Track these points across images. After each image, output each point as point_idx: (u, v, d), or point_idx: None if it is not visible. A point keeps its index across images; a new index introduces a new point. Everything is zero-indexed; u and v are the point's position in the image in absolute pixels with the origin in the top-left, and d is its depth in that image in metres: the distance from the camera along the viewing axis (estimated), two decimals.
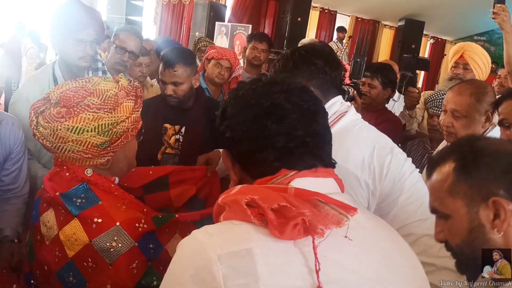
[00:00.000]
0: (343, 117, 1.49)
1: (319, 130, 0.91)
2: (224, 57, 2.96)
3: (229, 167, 0.95)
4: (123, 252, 1.18)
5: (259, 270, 0.74)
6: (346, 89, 2.10)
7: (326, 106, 1.48)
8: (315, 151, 0.90)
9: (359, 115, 1.56)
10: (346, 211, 0.80)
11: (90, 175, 1.25)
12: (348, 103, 1.57)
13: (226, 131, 0.92)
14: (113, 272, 1.17)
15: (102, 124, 1.19)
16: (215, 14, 8.46)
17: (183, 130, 2.23)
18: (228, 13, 9.06)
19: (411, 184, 1.49)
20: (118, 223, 1.20)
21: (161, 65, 2.17)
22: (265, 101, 0.89)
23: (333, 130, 1.41)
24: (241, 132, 0.90)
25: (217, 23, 8.18)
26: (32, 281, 1.35)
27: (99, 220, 1.20)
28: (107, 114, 1.20)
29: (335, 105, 1.50)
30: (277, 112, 0.88)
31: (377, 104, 2.89)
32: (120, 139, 1.25)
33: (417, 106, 3.11)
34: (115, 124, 1.22)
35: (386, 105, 3.19)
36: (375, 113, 2.86)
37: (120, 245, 1.18)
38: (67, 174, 1.25)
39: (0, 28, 8.50)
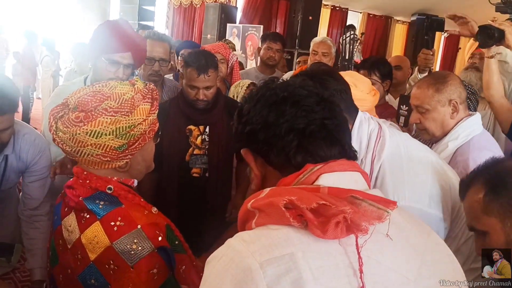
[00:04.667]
0: (384, 137, 1.38)
1: (336, 115, 0.90)
2: (213, 51, 2.95)
3: (252, 163, 0.92)
4: (144, 256, 1.18)
5: (304, 275, 0.70)
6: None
7: (355, 126, 1.39)
8: (336, 134, 0.88)
9: (380, 119, 1.47)
10: (385, 205, 0.78)
11: (111, 192, 1.26)
12: (367, 113, 1.47)
13: (245, 126, 0.91)
14: (134, 275, 1.18)
15: (119, 127, 1.20)
16: (226, 16, 8.50)
17: (207, 129, 2.26)
18: (239, 15, 9.09)
19: None
20: (139, 226, 1.20)
21: (189, 71, 2.17)
22: (281, 92, 0.89)
23: (384, 157, 1.32)
24: (260, 120, 0.88)
25: (228, 24, 8.22)
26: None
27: (121, 223, 1.20)
28: (124, 117, 1.21)
29: (363, 123, 1.41)
30: (293, 98, 0.88)
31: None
32: (138, 142, 1.25)
33: None
34: (133, 126, 1.22)
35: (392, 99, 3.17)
36: (377, 109, 2.86)
37: (140, 248, 1.18)
38: (89, 187, 1.26)
39: (13, 38, 8.65)
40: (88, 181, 1.25)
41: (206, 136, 2.26)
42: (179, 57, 3.58)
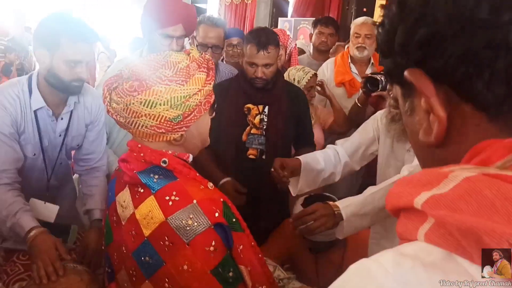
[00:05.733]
0: None
1: None
2: None
3: (432, 97, 0.49)
4: (200, 232, 1.11)
5: None
6: (378, 78, 2.02)
7: None
8: None
9: None
10: None
11: (165, 165, 1.19)
12: None
13: (416, 28, 0.49)
14: (190, 252, 1.11)
15: (175, 97, 1.14)
16: (278, 10, 8.42)
17: (266, 109, 2.19)
18: (290, 9, 8.97)
19: None
20: (195, 201, 1.14)
21: (249, 47, 2.11)
22: None
23: None
24: (457, 16, 0.46)
25: (280, 18, 8.13)
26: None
27: (176, 198, 1.14)
28: (180, 87, 1.15)
29: None
30: None
31: None
32: (193, 113, 1.19)
33: None
34: (188, 97, 1.16)
35: None
36: None
37: (195, 224, 1.11)
38: (143, 161, 1.20)
39: None
40: (142, 154, 1.20)
41: (264, 116, 2.18)
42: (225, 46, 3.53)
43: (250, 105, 2.19)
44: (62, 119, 1.85)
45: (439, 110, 0.49)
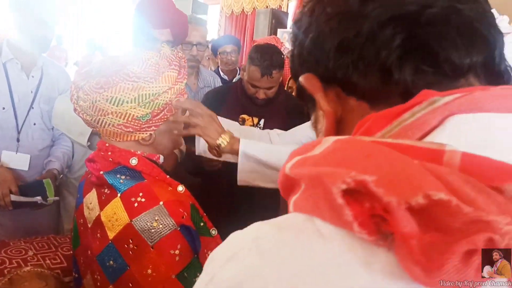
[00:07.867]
0: None
1: None
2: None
3: (318, 93, 0.51)
4: (165, 234, 1.07)
5: None
6: None
7: None
8: (482, 28, 0.45)
9: None
10: None
11: (135, 164, 1.15)
12: None
13: (307, 35, 0.52)
14: (154, 256, 1.06)
15: (142, 94, 1.10)
16: (277, 21, 8.43)
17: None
18: (290, 20, 9.01)
19: None
20: (161, 203, 1.09)
21: (252, 69, 2.02)
22: None
23: None
24: (333, 14, 0.49)
25: (279, 30, 8.13)
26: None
27: (142, 200, 1.10)
28: (148, 84, 1.11)
29: None
30: None
31: None
32: (163, 112, 1.15)
33: None
34: (157, 95, 1.12)
35: None
36: None
37: (161, 226, 1.07)
38: (110, 159, 1.16)
39: (74, 47, 9.01)
40: (110, 153, 1.16)
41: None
42: (218, 54, 3.51)
43: (245, 116, 2.12)
44: (33, 77, 2.04)
45: (324, 104, 0.51)
